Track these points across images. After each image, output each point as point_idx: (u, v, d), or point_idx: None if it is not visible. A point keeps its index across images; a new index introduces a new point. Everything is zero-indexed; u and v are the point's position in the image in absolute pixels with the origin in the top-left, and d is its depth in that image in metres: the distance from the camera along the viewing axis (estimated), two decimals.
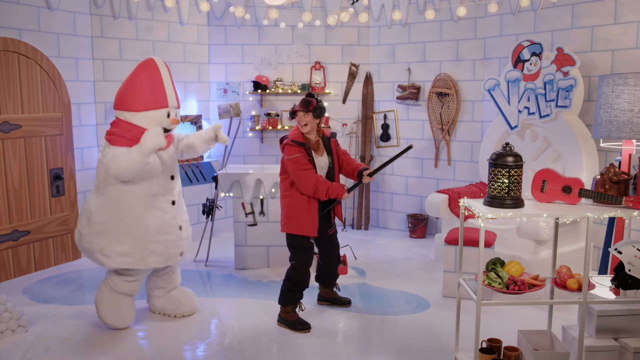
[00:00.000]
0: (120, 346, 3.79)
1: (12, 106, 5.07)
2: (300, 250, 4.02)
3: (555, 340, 3.29)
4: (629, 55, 4.90)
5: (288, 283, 4.03)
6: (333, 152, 4.14)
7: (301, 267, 4.01)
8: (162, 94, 3.84)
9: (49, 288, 4.90)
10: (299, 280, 4.02)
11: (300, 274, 4.01)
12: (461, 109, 6.35)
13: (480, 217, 2.95)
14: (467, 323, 3.67)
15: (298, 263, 4.02)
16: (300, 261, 4.02)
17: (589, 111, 5.15)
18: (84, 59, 5.73)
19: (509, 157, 3.05)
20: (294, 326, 4.02)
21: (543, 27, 5.51)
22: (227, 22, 6.73)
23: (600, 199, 3.10)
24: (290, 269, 4.05)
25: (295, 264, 4.03)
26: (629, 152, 4.00)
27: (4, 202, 5.04)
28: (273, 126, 6.75)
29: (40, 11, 5.27)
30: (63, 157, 5.55)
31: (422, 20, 6.41)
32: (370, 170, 4.07)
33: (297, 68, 6.87)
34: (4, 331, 3.85)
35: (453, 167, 6.49)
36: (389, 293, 4.77)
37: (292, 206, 3.98)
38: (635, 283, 3.06)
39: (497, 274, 3.17)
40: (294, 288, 4.03)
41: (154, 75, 3.84)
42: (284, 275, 4.09)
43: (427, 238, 6.58)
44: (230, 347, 3.79)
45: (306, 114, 3.94)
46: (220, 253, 5.94)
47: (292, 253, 4.06)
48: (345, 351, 3.71)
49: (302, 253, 4.02)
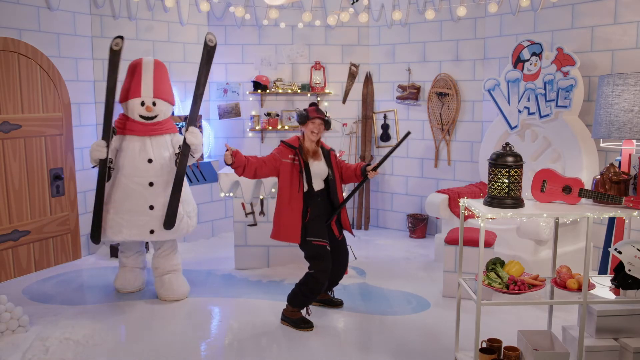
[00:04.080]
0: (120, 346, 3.79)
1: (12, 106, 5.07)
2: (318, 259, 4.00)
3: (555, 340, 3.29)
4: (629, 55, 4.90)
5: (303, 288, 4.02)
6: (333, 164, 4.15)
7: (320, 276, 3.99)
8: (137, 86, 4.47)
9: (49, 288, 4.90)
10: (315, 288, 4.00)
11: (319, 282, 3.99)
12: (461, 109, 6.35)
13: (480, 217, 2.95)
14: (467, 323, 3.67)
15: (317, 272, 3.99)
16: (319, 270, 3.99)
17: (589, 111, 5.15)
18: (84, 59, 5.73)
19: (509, 157, 3.05)
20: (297, 324, 4.03)
21: (543, 27, 5.51)
22: (227, 22, 6.73)
23: (600, 199, 3.10)
24: (309, 276, 4.02)
25: (314, 273, 4.00)
26: (629, 152, 4.00)
27: (4, 202, 5.05)
28: (273, 126, 6.75)
29: (40, 11, 5.27)
30: (63, 157, 5.55)
31: (422, 20, 6.41)
32: (374, 165, 4.08)
33: (297, 68, 6.87)
34: (4, 331, 3.85)
35: (453, 167, 6.49)
36: (389, 293, 4.77)
37: (277, 212, 4.07)
38: (635, 283, 3.06)
39: (497, 274, 3.17)
40: (308, 294, 4.02)
41: (135, 71, 4.52)
42: (301, 278, 4.07)
43: (427, 238, 6.58)
44: (230, 347, 3.79)
45: (322, 123, 4.04)
46: (220, 253, 5.94)
47: (310, 263, 4.04)
48: (345, 351, 3.71)
49: (321, 262, 4.00)
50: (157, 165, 4.44)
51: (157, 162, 4.45)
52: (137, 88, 4.47)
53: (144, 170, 4.42)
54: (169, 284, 4.58)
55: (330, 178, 4.11)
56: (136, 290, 4.78)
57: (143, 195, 4.40)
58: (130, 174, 4.41)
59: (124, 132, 4.51)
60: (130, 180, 4.41)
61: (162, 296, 4.58)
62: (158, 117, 4.52)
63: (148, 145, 4.47)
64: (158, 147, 4.50)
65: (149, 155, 4.44)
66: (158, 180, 4.45)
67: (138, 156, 4.43)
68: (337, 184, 4.15)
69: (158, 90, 4.51)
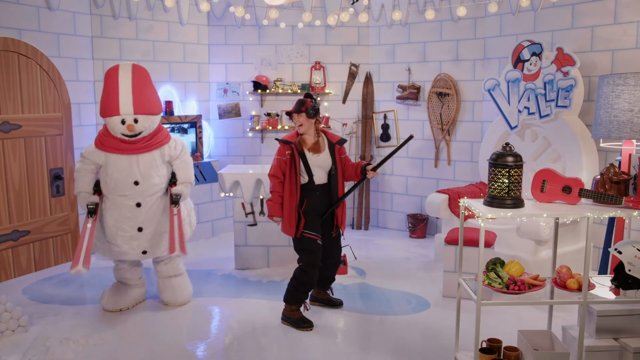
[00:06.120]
0: (120, 346, 3.79)
1: (12, 106, 5.07)
2: (307, 253, 4.04)
3: (555, 340, 3.29)
4: (629, 55, 4.90)
5: (295, 283, 4.05)
6: (337, 159, 4.13)
7: (309, 269, 4.02)
8: (115, 102, 4.01)
9: (49, 288, 4.90)
10: (306, 281, 4.03)
11: (308, 275, 4.02)
12: (461, 109, 6.35)
13: (480, 217, 2.95)
14: (467, 323, 3.67)
15: (306, 265, 4.03)
16: (308, 263, 4.03)
17: (589, 111, 5.15)
18: (84, 59, 5.73)
19: (509, 157, 3.05)
20: (297, 324, 4.04)
21: (543, 27, 5.51)
22: (227, 22, 6.73)
23: (600, 199, 3.09)
24: (298, 270, 4.07)
25: (303, 266, 4.04)
26: (629, 152, 4.00)
27: (4, 202, 5.05)
28: (273, 126, 6.75)
29: (40, 11, 5.27)
30: (63, 157, 5.55)
31: (422, 20, 6.41)
32: (374, 165, 4.08)
33: (297, 68, 6.87)
34: (4, 331, 3.85)
35: (453, 167, 6.49)
36: (389, 293, 4.77)
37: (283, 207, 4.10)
38: (635, 283, 3.06)
39: (497, 274, 3.17)
40: (300, 288, 4.05)
41: (111, 83, 4.03)
42: (292, 274, 4.12)
43: (427, 238, 6.58)
44: (230, 347, 3.79)
45: (299, 115, 4.02)
46: (220, 253, 5.94)
47: (300, 255, 4.08)
48: (345, 351, 3.71)
49: (310, 255, 4.03)
50: (144, 187, 4.14)
51: (144, 184, 4.13)
52: (115, 105, 4.00)
53: (130, 191, 4.12)
54: (171, 288, 4.45)
55: (332, 173, 4.11)
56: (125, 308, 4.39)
57: (131, 216, 4.15)
58: (116, 193, 4.14)
59: (108, 150, 4.14)
60: (116, 200, 4.15)
61: (164, 301, 4.47)
62: (143, 132, 4.13)
63: (134, 166, 4.12)
64: (145, 166, 4.15)
65: (135, 177, 4.11)
66: (146, 200, 4.16)
67: (124, 177, 4.11)
68: (339, 179, 4.15)
69: (139, 105, 4.03)
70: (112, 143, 4.14)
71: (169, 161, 4.32)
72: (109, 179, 4.14)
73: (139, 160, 4.14)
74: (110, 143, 4.14)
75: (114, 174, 4.12)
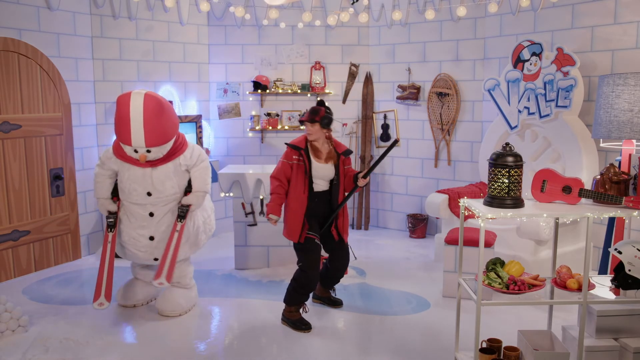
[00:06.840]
0: (121, 347, 3.79)
1: (12, 106, 5.07)
2: (306, 253, 4.02)
3: (555, 340, 3.29)
4: (629, 55, 4.90)
5: (295, 284, 4.04)
6: (340, 169, 4.10)
7: (308, 270, 4.00)
8: (127, 133, 3.95)
9: (49, 288, 4.90)
10: (306, 283, 4.00)
11: (308, 276, 3.99)
12: (461, 109, 6.35)
13: (480, 217, 2.95)
14: (467, 323, 3.67)
15: (305, 266, 4.01)
16: (307, 264, 4.01)
17: (589, 111, 5.15)
18: (84, 59, 5.73)
19: (509, 157, 3.05)
20: (296, 325, 4.04)
21: (543, 27, 5.51)
22: (227, 22, 6.73)
23: (600, 199, 3.09)
24: (298, 271, 4.05)
25: (302, 267, 4.02)
26: (629, 152, 4.00)
27: (4, 202, 5.05)
28: (273, 126, 6.75)
29: (40, 11, 5.27)
30: (63, 157, 5.55)
31: (422, 20, 6.41)
32: (364, 172, 4.07)
33: (297, 68, 6.87)
34: (4, 331, 3.85)
35: (453, 167, 6.49)
36: (389, 293, 4.77)
37: (285, 210, 4.11)
38: (635, 283, 3.06)
39: (497, 274, 3.17)
40: (300, 290, 4.03)
41: (123, 112, 3.92)
42: (292, 275, 4.10)
43: (427, 238, 6.58)
44: (230, 347, 3.79)
45: (313, 125, 3.97)
46: (220, 253, 5.94)
47: (298, 256, 4.07)
48: (345, 351, 3.71)
49: (308, 255, 4.01)
50: (157, 198, 4.14)
51: (157, 195, 4.13)
52: (127, 137, 3.95)
53: (143, 201, 4.15)
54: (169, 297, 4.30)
55: (334, 182, 4.10)
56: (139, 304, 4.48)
57: (144, 225, 4.18)
58: (130, 201, 4.18)
59: (124, 159, 4.15)
60: (131, 208, 4.19)
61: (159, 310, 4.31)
62: (157, 155, 4.10)
63: (148, 177, 4.11)
64: (159, 178, 4.13)
65: (148, 188, 4.11)
66: (159, 211, 4.18)
67: (138, 186, 4.12)
68: (340, 188, 4.14)
69: (151, 138, 3.95)
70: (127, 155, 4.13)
71: (186, 170, 4.27)
72: (123, 185, 4.19)
73: (153, 172, 4.13)
74: (126, 154, 4.13)
75: (128, 182, 4.15)
